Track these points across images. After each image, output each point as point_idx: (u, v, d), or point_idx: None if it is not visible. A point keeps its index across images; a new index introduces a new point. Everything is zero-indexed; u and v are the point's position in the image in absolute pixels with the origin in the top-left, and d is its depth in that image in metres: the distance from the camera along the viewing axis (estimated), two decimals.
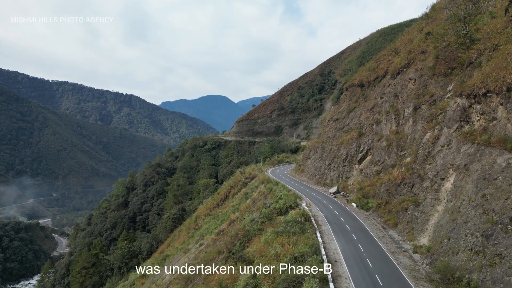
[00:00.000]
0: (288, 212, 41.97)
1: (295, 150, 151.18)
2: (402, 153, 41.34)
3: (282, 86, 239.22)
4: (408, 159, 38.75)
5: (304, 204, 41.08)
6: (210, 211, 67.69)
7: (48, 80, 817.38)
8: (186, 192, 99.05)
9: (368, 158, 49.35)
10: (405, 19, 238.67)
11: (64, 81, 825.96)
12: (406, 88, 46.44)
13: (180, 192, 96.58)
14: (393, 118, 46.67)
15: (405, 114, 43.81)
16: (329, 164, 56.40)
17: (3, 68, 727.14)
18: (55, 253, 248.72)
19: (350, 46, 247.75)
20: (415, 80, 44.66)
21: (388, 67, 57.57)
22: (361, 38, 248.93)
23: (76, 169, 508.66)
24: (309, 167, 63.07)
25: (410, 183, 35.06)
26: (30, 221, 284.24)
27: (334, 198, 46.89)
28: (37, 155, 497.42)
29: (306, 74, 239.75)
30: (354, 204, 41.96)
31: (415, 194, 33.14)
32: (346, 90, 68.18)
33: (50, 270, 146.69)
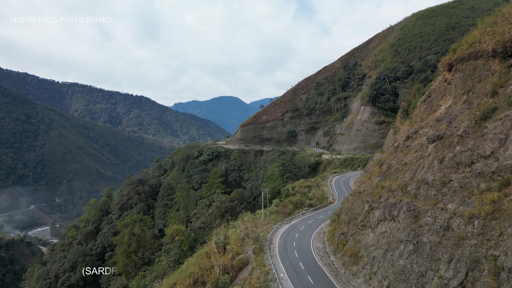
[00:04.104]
0: None
1: (315, 166, 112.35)
2: None
3: (296, 83, 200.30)
4: None
5: None
6: None
7: (58, 82, 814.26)
8: (146, 246, 60.95)
9: None
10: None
11: (74, 83, 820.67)
12: None
13: (134, 248, 59.03)
14: None
15: None
16: (448, 271, 18.82)
17: (13, 70, 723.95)
18: None
19: (379, 34, 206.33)
20: None
21: None
22: (392, 24, 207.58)
23: (81, 173, 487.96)
24: (374, 256, 25.25)
25: None
26: (13, 235, 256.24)
27: None
28: (41, 158, 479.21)
29: (325, 68, 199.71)
30: None
31: None
32: (449, 70, 29.85)
33: None
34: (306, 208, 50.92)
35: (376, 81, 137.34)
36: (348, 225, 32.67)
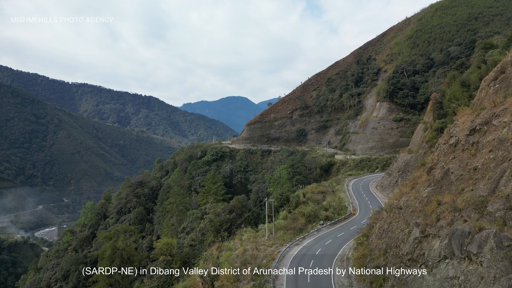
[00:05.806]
0: None
1: (328, 168, 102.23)
2: None
3: (306, 79, 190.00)
4: None
5: None
6: None
7: (68, 82, 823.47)
8: (134, 262, 52.26)
9: None
10: None
11: (84, 83, 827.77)
12: None
13: (117, 264, 50.82)
14: None
15: None
16: None
17: (23, 71, 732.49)
18: None
19: (394, 26, 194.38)
20: None
21: None
22: (409, 16, 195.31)
23: (90, 173, 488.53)
24: None
25: None
26: (17, 237, 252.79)
27: None
28: (49, 158, 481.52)
29: (337, 63, 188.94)
30: None
31: None
32: None
33: None
34: (322, 221, 40.72)
35: (394, 75, 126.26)
36: (385, 256, 22.98)
